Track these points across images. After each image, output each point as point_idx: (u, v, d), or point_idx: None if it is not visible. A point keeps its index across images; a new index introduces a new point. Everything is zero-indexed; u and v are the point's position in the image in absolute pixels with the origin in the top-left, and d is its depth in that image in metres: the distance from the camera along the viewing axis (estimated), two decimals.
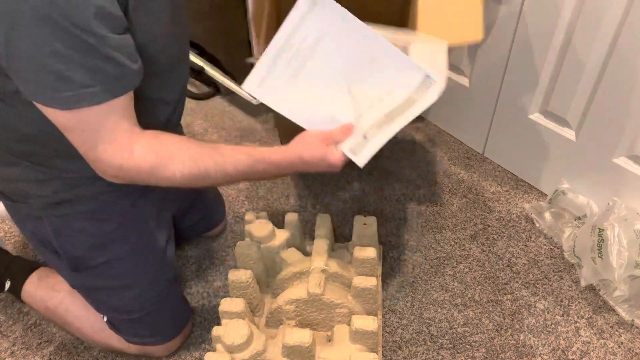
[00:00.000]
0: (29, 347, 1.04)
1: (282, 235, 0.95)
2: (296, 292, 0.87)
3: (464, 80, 1.43)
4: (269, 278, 0.97)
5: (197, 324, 1.08)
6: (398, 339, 1.03)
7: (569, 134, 1.23)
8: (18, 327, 1.08)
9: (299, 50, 0.77)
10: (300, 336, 0.78)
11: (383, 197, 1.38)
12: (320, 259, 0.87)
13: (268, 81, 0.79)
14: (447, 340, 1.03)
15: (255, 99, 0.85)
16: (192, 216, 1.17)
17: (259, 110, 1.77)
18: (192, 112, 1.77)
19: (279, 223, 1.32)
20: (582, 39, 1.11)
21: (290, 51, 0.77)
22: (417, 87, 0.78)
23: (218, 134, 1.65)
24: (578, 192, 1.23)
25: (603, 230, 1.04)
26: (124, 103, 0.67)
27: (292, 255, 0.93)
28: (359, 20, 0.75)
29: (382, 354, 1.00)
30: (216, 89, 1.85)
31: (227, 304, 0.85)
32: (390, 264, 1.19)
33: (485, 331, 1.04)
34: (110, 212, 0.87)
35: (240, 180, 0.79)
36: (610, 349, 1.00)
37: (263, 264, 0.93)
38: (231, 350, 0.79)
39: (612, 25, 1.04)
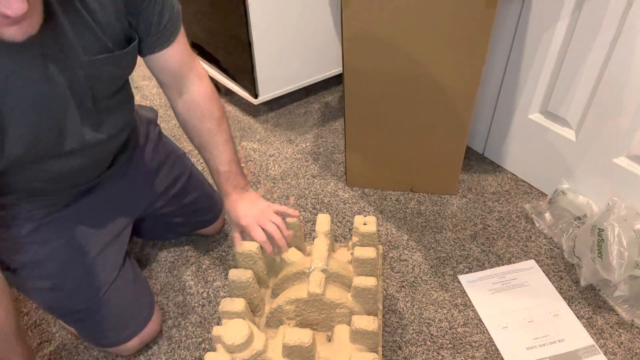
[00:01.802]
0: (29, 347, 1.04)
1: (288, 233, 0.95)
2: (296, 292, 0.86)
3: None
4: (270, 278, 0.97)
5: (197, 323, 1.08)
6: (398, 339, 1.03)
7: (569, 134, 1.23)
8: None
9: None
10: (300, 336, 0.78)
11: (383, 197, 1.38)
12: (320, 258, 0.87)
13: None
14: (447, 340, 1.03)
15: (255, 98, 0.86)
16: (183, 211, 1.17)
17: (259, 110, 1.77)
18: None
19: None
20: (582, 39, 1.11)
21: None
22: (581, 349, 0.99)
23: None
24: (578, 192, 1.23)
25: (603, 230, 1.04)
26: None
27: (292, 255, 0.92)
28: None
29: (382, 354, 1.00)
30: (216, 88, 1.85)
31: (227, 304, 0.85)
32: (390, 264, 1.19)
33: (485, 331, 1.04)
34: (22, 219, 0.88)
35: None
36: (610, 349, 1.00)
37: (264, 263, 0.93)
38: (231, 350, 0.78)
39: (612, 25, 1.04)
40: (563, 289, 1.12)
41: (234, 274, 0.87)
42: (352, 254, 0.91)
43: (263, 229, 0.90)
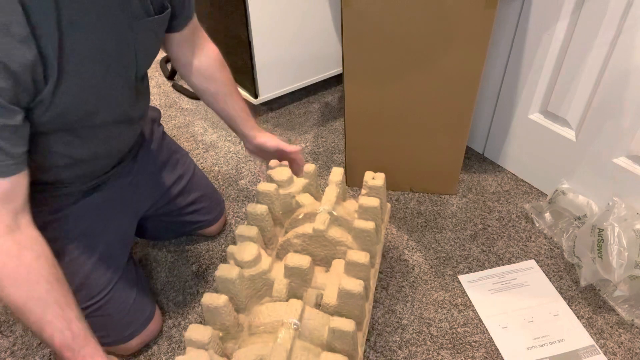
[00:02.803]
0: (29, 347, 1.04)
1: (299, 182, 1.03)
2: (304, 228, 0.95)
3: None
4: (285, 219, 1.04)
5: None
6: (398, 339, 1.03)
7: (569, 134, 1.23)
8: (18, 327, 1.08)
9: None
10: (300, 260, 0.87)
11: None
12: (328, 203, 0.95)
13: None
14: (447, 340, 1.03)
15: (255, 98, 0.92)
16: (185, 210, 1.17)
17: (259, 110, 1.77)
18: (192, 112, 1.77)
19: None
20: (582, 39, 1.11)
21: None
22: (581, 349, 0.99)
23: (218, 134, 1.65)
24: (578, 192, 1.23)
25: (603, 230, 1.04)
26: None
27: (305, 199, 1.01)
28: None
29: (382, 354, 1.00)
30: None
31: (243, 229, 0.93)
32: (390, 264, 1.19)
33: (485, 331, 1.04)
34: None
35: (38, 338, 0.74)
36: (610, 349, 1.00)
37: (280, 204, 1.01)
38: (241, 265, 0.87)
39: (612, 25, 1.04)
40: (563, 289, 1.12)
41: (252, 207, 0.97)
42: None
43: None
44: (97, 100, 0.79)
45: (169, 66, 2.01)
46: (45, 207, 0.89)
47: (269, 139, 1.08)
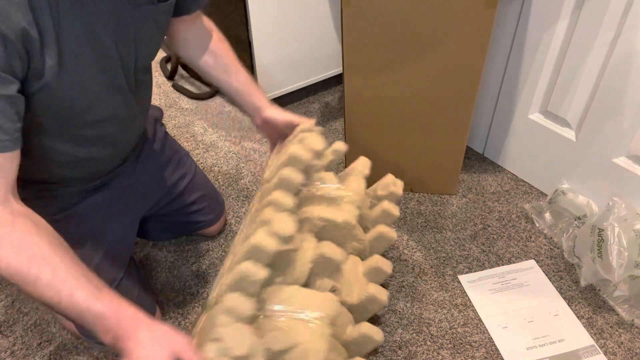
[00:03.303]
0: (29, 347, 1.04)
1: (326, 157, 0.99)
2: (331, 213, 0.92)
3: None
4: (302, 187, 0.97)
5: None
6: (398, 339, 1.03)
7: (569, 134, 1.23)
8: (18, 327, 1.08)
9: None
10: (334, 252, 0.87)
11: None
12: (358, 197, 0.94)
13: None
14: (447, 340, 1.03)
15: None
16: (186, 210, 1.17)
17: None
18: (192, 112, 1.77)
19: None
20: (582, 39, 1.11)
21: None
22: (581, 349, 0.99)
23: (218, 134, 1.65)
24: (578, 192, 1.23)
25: (603, 230, 1.04)
26: None
27: (330, 179, 0.96)
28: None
29: (382, 354, 1.01)
30: (216, 89, 1.85)
31: (279, 195, 0.87)
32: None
33: (485, 331, 1.04)
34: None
35: (59, 308, 0.66)
36: (610, 349, 1.00)
37: (306, 174, 0.95)
38: (278, 238, 0.80)
39: (612, 25, 1.04)
40: (563, 289, 1.12)
41: (289, 171, 0.88)
42: (375, 204, 1.00)
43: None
44: (100, 89, 0.78)
45: (169, 66, 2.01)
46: (48, 207, 0.89)
47: (279, 113, 1.01)
